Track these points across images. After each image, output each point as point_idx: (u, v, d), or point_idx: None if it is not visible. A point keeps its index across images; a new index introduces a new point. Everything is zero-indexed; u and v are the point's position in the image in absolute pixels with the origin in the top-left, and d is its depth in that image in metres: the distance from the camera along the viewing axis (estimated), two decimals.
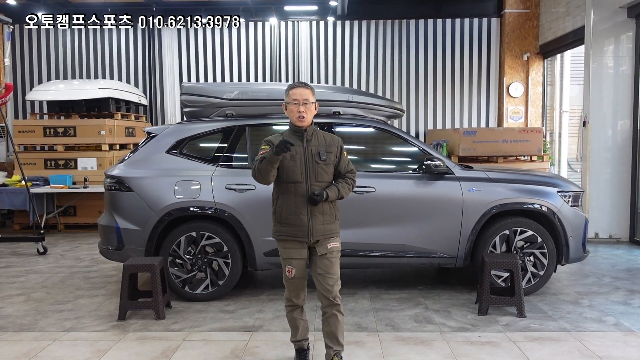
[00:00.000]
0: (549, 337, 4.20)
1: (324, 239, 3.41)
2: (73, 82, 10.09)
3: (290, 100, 3.42)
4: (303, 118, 3.39)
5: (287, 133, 3.49)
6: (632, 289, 5.51)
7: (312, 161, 3.40)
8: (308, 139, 3.44)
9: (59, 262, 6.85)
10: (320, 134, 3.51)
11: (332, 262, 3.44)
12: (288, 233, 3.42)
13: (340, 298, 3.46)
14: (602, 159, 7.85)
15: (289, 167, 3.39)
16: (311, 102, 3.43)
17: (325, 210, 3.42)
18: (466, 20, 11.03)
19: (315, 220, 3.38)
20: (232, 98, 5.46)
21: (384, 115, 5.92)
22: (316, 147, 3.43)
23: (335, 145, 3.49)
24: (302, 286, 3.52)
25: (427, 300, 5.17)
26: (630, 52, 7.69)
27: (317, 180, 3.40)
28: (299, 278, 3.47)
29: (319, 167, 3.41)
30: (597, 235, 7.88)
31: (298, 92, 3.41)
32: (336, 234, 3.48)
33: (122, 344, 4.10)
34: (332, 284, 3.42)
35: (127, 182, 5.14)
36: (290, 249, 3.44)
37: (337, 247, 3.47)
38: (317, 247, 3.42)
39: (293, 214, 3.38)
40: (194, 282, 5.11)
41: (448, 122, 11.18)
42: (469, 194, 5.13)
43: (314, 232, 3.38)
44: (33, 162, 8.97)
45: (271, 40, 11.22)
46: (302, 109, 3.38)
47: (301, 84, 3.46)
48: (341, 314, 3.48)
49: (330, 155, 3.45)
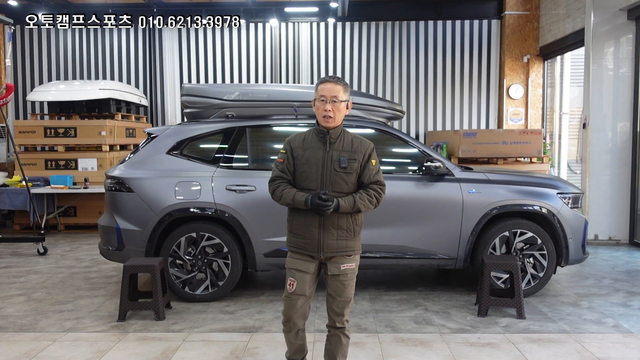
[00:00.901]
0: (548, 339, 4.20)
1: (337, 257, 3.04)
2: (74, 83, 10.10)
3: (318, 97, 3.05)
4: (330, 118, 3.00)
5: (311, 132, 3.12)
6: (632, 291, 5.51)
7: (330, 168, 3.00)
8: (332, 142, 3.04)
9: (59, 263, 6.86)
10: (348, 137, 3.09)
11: (345, 284, 3.06)
12: (297, 245, 3.08)
13: (348, 321, 3.17)
14: (602, 161, 7.85)
15: (304, 172, 3.03)
16: (341, 101, 3.04)
17: (341, 224, 3.01)
18: (466, 22, 11.05)
19: (328, 235, 3.00)
20: (233, 99, 5.47)
21: (384, 117, 5.93)
22: (339, 152, 3.03)
23: (362, 152, 3.05)
24: (301, 308, 3.10)
25: (426, 301, 5.17)
26: (630, 54, 7.70)
27: (334, 190, 2.99)
28: (299, 295, 3.06)
29: (337, 176, 3.00)
30: (596, 237, 7.88)
31: (327, 88, 3.01)
32: (354, 252, 3.08)
33: (122, 345, 4.11)
34: (342, 308, 3.09)
35: (127, 182, 5.14)
36: (296, 259, 3.09)
37: (351, 268, 3.07)
38: (329, 265, 3.05)
39: (303, 225, 3.03)
40: (194, 283, 5.12)
41: (448, 124, 11.19)
42: (469, 195, 5.14)
43: (325, 248, 3.01)
44: (33, 162, 8.97)
45: (272, 42, 11.23)
46: (329, 108, 2.99)
47: (332, 79, 3.06)
48: (346, 337, 3.17)
49: (353, 163, 3.02)
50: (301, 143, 3.08)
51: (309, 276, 3.07)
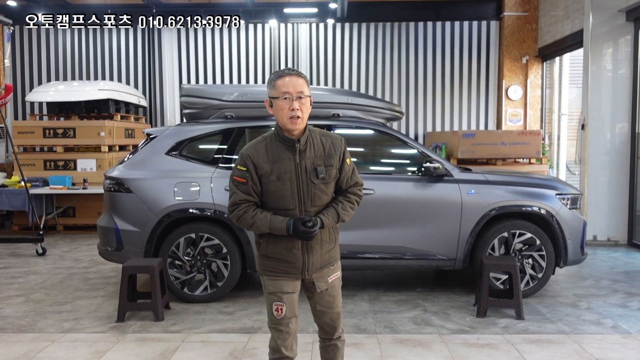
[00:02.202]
0: (547, 340, 4.21)
1: (322, 272, 2.69)
2: (73, 84, 10.10)
3: (280, 94, 2.52)
4: (298, 118, 2.50)
5: (272, 140, 2.60)
6: (630, 292, 5.52)
7: (306, 181, 2.56)
8: (301, 150, 2.57)
9: (58, 263, 6.85)
10: (316, 139, 2.63)
11: (334, 296, 2.75)
12: (277, 269, 2.63)
13: (342, 328, 2.86)
14: (600, 162, 7.86)
15: (277, 192, 2.55)
16: (307, 96, 2.55)
17: (324, 238, 2.64)
18: (465, 23, 11.06)
19: (313, 254, 2.62)
20: (232, 100, 5.47)
21: (383, 118, 5.94)
22: (312, 160, 2.58)
23: (337, 154, 2.64)
24: (294, 331, 2.67)
25: (425, 302, 5.18)
26: (629, 55, 7.72)
27: (314, 205, 2.59)
28: (290, 319, 2.63)
29: (316, 188, 2.58)
30: (595, 237, 7.89)
31: (291, 83, 2.51)
32: (336, 260, 2.76)
33: (121, 345, 4.11)
34: (336, 319, 2.77)
35: (126, 183, 5.14)
36: (279, 281, 2.63)
37: (337, 277, 2.76)
38: (316, 283, 2.67)
39: (284, 249, 2.59)
40: (193, 284, 5.12)
41: (447, 125, 11.19)
42: (468, 196, 5.15)
43: (310, 267, 2.63)
44: (32, 163, 8.97)
45: (271, 42, 11.23)
46: (297, 106, 2.50)
47: (293, 71, 2.56)
48: (342, 341, 2.87)
49: (331, 170, 2.61)
50: (265, 156, 2.56)
51: (296, 295, 2.67)
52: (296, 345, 2.72)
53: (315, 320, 2.82)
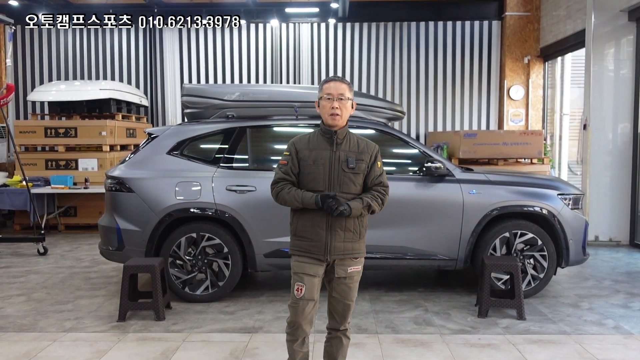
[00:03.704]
0: (548, 340, 4.20)
1: (344, 260, 3.02)
2: (74, 83, 10.11)
3: (324, 95, 3.02)
4: (337, 116, 2.98)
5: (316, 133, 3.10)
6: (632, 292, 5.51)
7: (338, 168, 2.98)
8: (338, 143, 3.02)
9: (59, 263, 6.86)
10: (354, 138, 3.10)
11: (351, 287, 3.07)
12: (303, 248, 3.01)
13: (350, 322, 3.20)
14: (602, 162, 7.85)
15: (311, 174, 3.00)
16: (347, 99, 3.02)
17: (348, 226, 2.99)
18: (467, 23, 11.05)
19: (335, 237, 2.97)
20: (233, 99, 5.48)
21: (385, 118, 5.93)
22: (346, 152, 3.02)
23: (369, 153, 3.07)
24: (310, 313, 3.03)
25: (427, 302, 5.17)
26: (631, 55, 7.70)
27: (342, 191, 2.97)
28: (308, 300, 2.98)
29: (346, 176, 2.99)
30: (597, 238, 7.88)
31: (333, 86, 3.00)
32: (360, 254, 3.07)
33: (122, 345, 4.11)
34: (347, 310, 3.10)
35: (127, 183, 5.14)
36: (303, 263, 3.01)
37: (357, 271, 3.08)
38: (335, 268, 3.02)
39: (310, 227, 2.98)
40: (194, 283, 5.12)
41: (449, 125, 11.18)
42: (469, 196, 5.14)
43: (332, 250, 2.97)
44: (34, 162, 8.98)
45: (272, 42, 11.23)
46: (337, 105, 2.98)
47: (337, 78, 3.07)
48: (347, 338, 3.19)
49: (361, 164, 3.02)
50: (306, 144, 3.05)
51: (317, 279, 3.01)
52: (310, 327, 3.07)
53: (329, 308, 3.13)
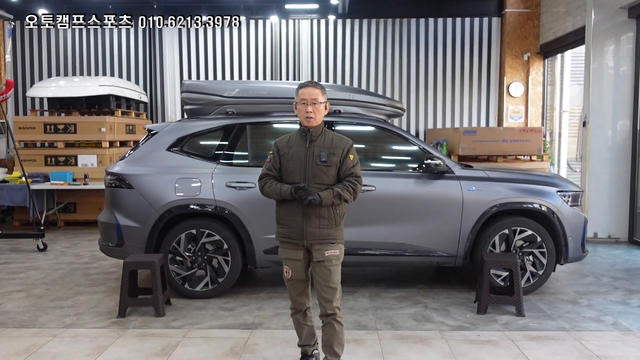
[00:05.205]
0: (547, 336, 4.21)
1: (320, 245, 3.31)
2: (74, 79, 10.09)
3: (299, 100, 3.36)
4: (311, 119, 3.32)
5: (295, 132, 3.46)
6: (631, 289, 5.52)
7: (312, 162, 3.31)
8: (312, 140, 3.35)
9: (59, 259, 6.86)
10: (328, 135, 3.41)
11: (331, 270, 3.33)
12: (284, 234, 3.39)
13: (339, 308, 3.37)
14: (601, 159, 7.86)
15: (289, 168, 3.36)
16: (320, 102, 3.35)
17: (322, 213, 3.30)
18: (467, 20, 11.04)
19: (310, 224, 3.29)
20: (233, 96, 5.47)
21: (385, 114, 5.93)
22: (319, 148, 3.34)
23: (341, 148, 3.35)
24: (302, 289, 3.45)
25: (426, 298, 5.18)
26: (631, 52, 7.70)
27: (316, 182, 3.29)
28: (296, 280, 3.41)
29: (319, 169, 3.31)
30: (596, 235, 7.89)
31: (307, 92, 3.34)
32: (337, 240, 3.35)
33: (122, 341, 4.11)
34: (331, 294, 3.33)
35: (127, 179, 5.14)
36: (286, 249, 3.40)
37: (335, 254, 3.34)
38: (314, 253, 3.33)
39: (288, 215, 3.35)
40: (193, 280, 5.12)
41: (448, 121, 11.19)
42: (469, 193, 5.14)
43: (308, 235, 3.30)
44: (33, 158, 8.96)
45: (272, 39, 11.22)
46: (310, 109, 3.31)
47: (311, 84, 3.38)
48: (339, 323, 3.38)
49: (333, 157, 3.32)
50: (286, 143, 3.42)
51: (300, 263, 3.38)
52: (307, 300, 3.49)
53: (317, 295, 3.39)
